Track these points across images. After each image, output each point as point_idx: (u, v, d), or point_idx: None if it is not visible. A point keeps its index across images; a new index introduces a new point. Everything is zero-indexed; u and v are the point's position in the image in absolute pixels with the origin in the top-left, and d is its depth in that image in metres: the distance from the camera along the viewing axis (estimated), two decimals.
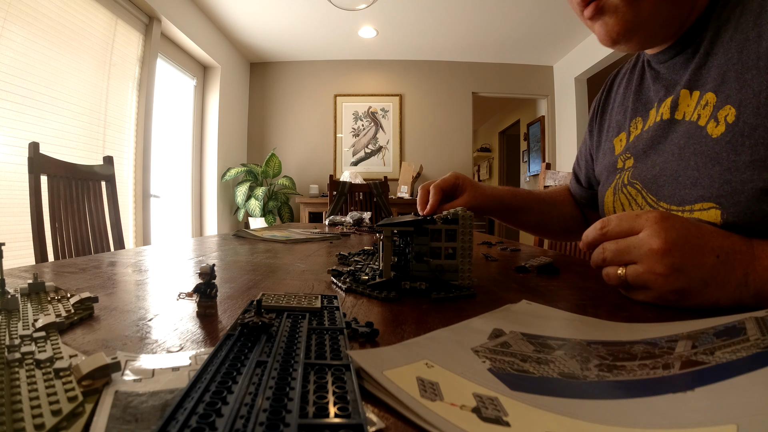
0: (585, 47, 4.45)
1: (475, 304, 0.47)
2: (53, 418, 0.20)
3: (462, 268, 0.52)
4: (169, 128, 3.80)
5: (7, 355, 0.27)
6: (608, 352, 0.30)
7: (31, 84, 2.22)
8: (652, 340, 0.31)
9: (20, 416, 0.20)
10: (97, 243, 1.62)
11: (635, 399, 0.23)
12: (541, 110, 5.43)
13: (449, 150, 5.14)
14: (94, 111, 2.73)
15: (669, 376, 0.24)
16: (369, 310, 0.44)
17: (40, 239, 1.36)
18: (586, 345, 0.31)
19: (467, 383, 0.25)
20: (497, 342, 0.33)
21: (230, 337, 0.30)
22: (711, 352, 0.26)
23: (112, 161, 1.78)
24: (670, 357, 0.27)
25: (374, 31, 4.37)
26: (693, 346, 0.28)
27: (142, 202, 3.16)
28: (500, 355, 0.30)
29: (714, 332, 0.29)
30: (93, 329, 0.36)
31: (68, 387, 0.23)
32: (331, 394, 0.22)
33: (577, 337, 0.33)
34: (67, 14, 2.47)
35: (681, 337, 0.30)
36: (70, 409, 0.21)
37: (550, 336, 0.34)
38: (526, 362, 0.29)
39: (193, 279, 0.61)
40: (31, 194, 1.39)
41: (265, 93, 5.21)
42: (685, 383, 0.23)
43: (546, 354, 0.30)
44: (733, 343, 0.26)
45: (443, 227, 0.52)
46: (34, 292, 0.45)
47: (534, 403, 0.23)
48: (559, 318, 0.40)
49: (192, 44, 3.80)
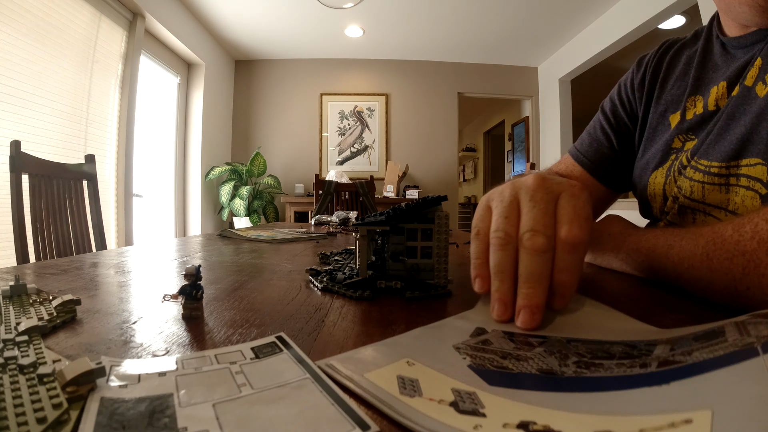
0: (569, 49, 4.50)
1: (450, 303, 0.47)
2: (38, 425, 0.20)
3: (438, 267, 0.52)
4: (152, 126, 3.74)
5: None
6: (587, 350, 0.30)
7: (11, 81, 2.17)
8: (631, 342, 0.31)
9: (5, 424, 0.20)
10: (79, 244, 1.59)
11: (611, 392, 0.23)
12: (525, 111, 5.48)
13: (435, 150, 5.16)
14: (76, 109, 2.68)
15: (645, 373, 0.25)
16: (343, 309, 0.44)
17: (21, 240, 1.33)
18: (565, 343, 0.32)
19: (447, 379, 0.26)
20: (479, 339, 0.33)
21: None
22: (689, 353, 0.26)
23: (94, 160, 1.75)
24: (648, 358, 0.27)
25: (361, 30, 4.36)
26: (671, 348, 0.28)
27: (125, 202, 3.11)
28: (480, 352, 0.30)
29: (693, 336, 0.29)
30: (76, 333, 0.36)
31: (53, 393, 0.23)
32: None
33: (558, 335, 0.34)
34: (50, 10, 2.42)
35: (660, 341, 0.30)
36: (56, 417, 0.21)
37: (531, 334, 0.35)
38: (505, 359, 0.29)
39: (178, 280, 0.60)
40: (12, 194, 1.36)
41: (250, 91, 5.17)
42: (661, 378, 0.24)
43: (526, 351, 0.31)
44: (711, 344, 0.26)
45: (419, 227, 0.52)
46: (15, 294, 0.44)
47: (511, 397, 0.23)
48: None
49: (176, 41, 3.76)
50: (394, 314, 0.42)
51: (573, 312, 0.40)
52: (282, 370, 0.27)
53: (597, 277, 0.63)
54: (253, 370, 0.27)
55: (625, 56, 4.43)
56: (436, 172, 5.16)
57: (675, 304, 0.47)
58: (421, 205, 0.51)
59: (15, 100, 2.20)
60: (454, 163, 5.20)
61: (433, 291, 0.50)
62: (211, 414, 0.22)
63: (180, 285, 0.42)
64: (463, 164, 8.92)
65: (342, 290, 0.51)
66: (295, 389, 0.25)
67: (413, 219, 0.52)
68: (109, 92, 3.00)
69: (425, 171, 5.12)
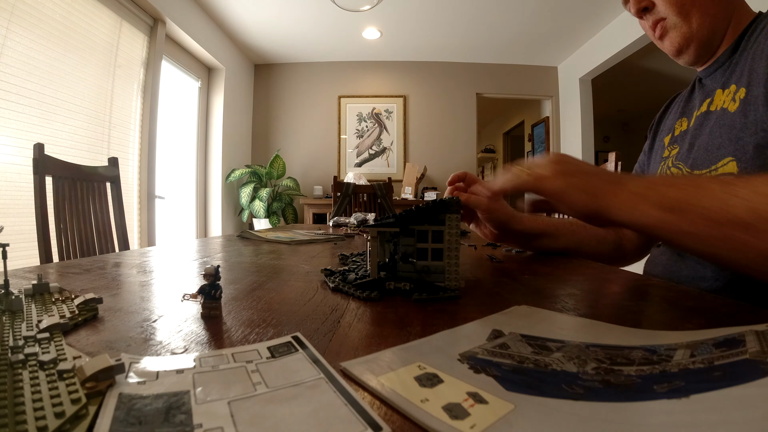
0: (589, 48, 4.43)
1: (458, 306, 0.47)
2: (56, 420, 0.20)
3: (448, 269, 0.52)
4: (173, 129, 3.81)
5: (11, 356, 0.28)
6: (606, 355, 0.30)
7: (35, 85, 2.24)
8: (651, 347, 0.31)
9: (23, 418, 0.20)
10: (102, 244, 1.63)
11: (630, 403, 0.23)
12: (545, 111, 5.42)
13: (453, 151, 5.14)
14: (99, 113, 2.74)
15: (665, 389, 0.24)
16: (358, 310, 0.44)
17: (44, 240, 1.37)
18: (584, 348, 0.31)
19: (461, 383, 0.25)
20: (496, 343, 0.33)
21: None
22: (710, 362, 0.26)
23: (116, 162, 1.79)
24: (668, 364, 0.27)
25: (378, 33, 4.37)
26: (691, 354, 0.28)
27: (147, 203, 3.17)
28: (498, 357, 0.30)
29: (713, 343, 0.29)
30: (97, 330, 0.37)
31: (72, 389, 0.23)
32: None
33: (577, 339, 0.33)
34: (72, 16, 2.48)
35: (680, 346, 0.30)
36: (74, 411, 0.21)
37: (550, 338, 0.34)
38: (523, 363, 0.29)
39: (198, 280, 0.61)
40: (36, 195, 1.40)
41: (269, 94, 5.23)
42: (681, 391, 0.23)
43: (544, 356, 0.30)
44: (731, 354, 0.26)
45: (429, 228, 0.52)
46: (38, 292, 0.46)
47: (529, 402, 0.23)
48: (559, 321, 0.40)
49: (196, 46, 3.82)
50: (409, 317, 0.42)
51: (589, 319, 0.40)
52: (297, 370, 0.27)
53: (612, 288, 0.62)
54: (269, 369, 0.28)
55: (647, 54, 4.34)
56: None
57: (694, 310, 0.46)
58: (433, 207, 0.51)
59: (40, 104, 2.27)
60: (473, 164, 5.16)
61: (442, 293, 0.49)
62: (226, 411, 0.22)
63: (199, 285, 0.42)
64: (482, 165, 8.86)
65: (351, 290, 0.51)
66: (309, 389, 0.25)
67: (424, 221, 0.52)
68: (131, 96, 3.07)
69: (444, 172, 5.10)
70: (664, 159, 0.91)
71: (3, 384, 0.24)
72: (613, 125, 7.88)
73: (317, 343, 0.34)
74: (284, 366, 0.28)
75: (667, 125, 0.97)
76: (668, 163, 0.88)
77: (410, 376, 0.26)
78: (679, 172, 0.83)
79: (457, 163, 5.09)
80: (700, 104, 0.85)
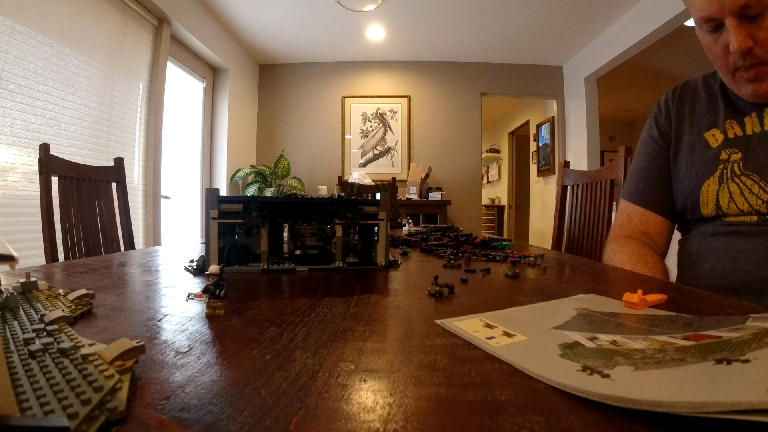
0: (594, 47, 4.41)
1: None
2: (96, 393, 0.22)
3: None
4: (179, 130, 3.82)
5: (29, 346, 0.29)
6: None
7: (41, 85, 2.25)
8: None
9: (65, 395, 0.22)
10: (108, 243, 1.63)
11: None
12: (550, 111, 5.40)
13: (458, 151, 5.13)
14: (104, 113, 2.75)
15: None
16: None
17: (50, 240, 1.38)
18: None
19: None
20: (586, 321, 0.41)
21: None
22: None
23: (122, 163, 1.80)
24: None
25: (382, 33, 4.37)
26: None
27: (153, 203, 3.18)
28: (585, 331, 0.37)
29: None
30: (103, 330, 0.37)
31: (102, 368, 0.25)
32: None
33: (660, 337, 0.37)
34: (77, 16, 2.49)
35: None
36: (111, 385, 0.23)
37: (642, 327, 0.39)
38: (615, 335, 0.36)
39: (203, 280, 0.61)
40: (42, 195, 1.40)
41: (273, 95, 5.24)
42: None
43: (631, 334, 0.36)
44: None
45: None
46: (27, 290, 0.46)
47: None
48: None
49: (201, 46, 3.83)
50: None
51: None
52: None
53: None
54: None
55: (652, 54, 4.31)
56: (459, 174, 5.12)
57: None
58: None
59: (45, 104, 2.28)
60: (478, 164, 5.15)
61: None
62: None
63: (204, 284, 0.42)
64: (487, 165, 8.83)
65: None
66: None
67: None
68: (136, 97, 3.08)
69: (448, 172, 5.09)
70: (723, 162, 0.86)
71: (31, 370, 0.25)
72: (619, 125, 7.84)
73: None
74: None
75: (704, 118, 0.93)
76: (732, 168, 0.84)
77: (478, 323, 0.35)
78: (754, 185, 0.81)
79: (462, 163, 5.08)
80: (759, 114, 0.83)
